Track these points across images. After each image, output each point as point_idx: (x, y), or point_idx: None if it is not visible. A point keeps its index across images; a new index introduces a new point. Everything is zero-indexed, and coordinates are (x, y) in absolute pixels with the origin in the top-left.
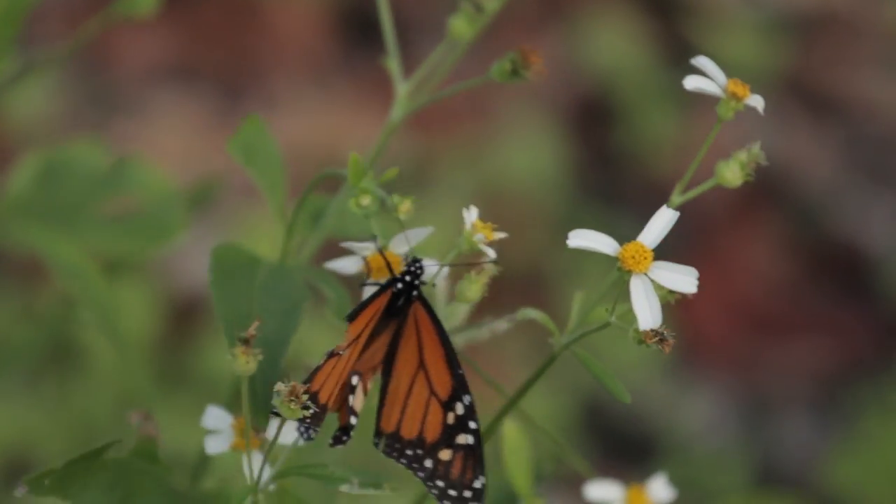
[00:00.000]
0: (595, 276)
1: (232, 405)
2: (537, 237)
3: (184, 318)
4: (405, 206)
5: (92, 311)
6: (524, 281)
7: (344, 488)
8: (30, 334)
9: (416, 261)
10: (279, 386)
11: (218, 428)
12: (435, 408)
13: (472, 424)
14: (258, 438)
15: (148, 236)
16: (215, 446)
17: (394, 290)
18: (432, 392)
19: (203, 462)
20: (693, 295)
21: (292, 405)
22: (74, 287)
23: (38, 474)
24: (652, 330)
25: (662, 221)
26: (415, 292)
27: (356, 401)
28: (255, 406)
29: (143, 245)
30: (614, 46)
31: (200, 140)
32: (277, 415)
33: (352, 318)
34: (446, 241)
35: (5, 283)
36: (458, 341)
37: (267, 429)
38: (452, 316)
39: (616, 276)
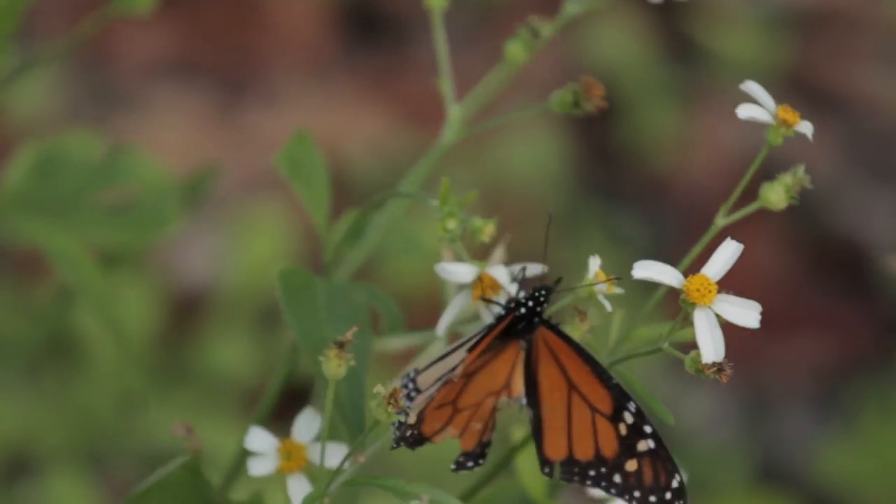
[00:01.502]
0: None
1: (267, 424)
2: (538, 233)
3: (184, 314)
4: (489, 229)
5: (89, 301)
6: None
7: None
8: (27, 328)
9: (542, 288)
10: (379, 387)
11: (262, 450)
12: (603, 424)
13: (647, 429)
14: (306, 457)
15: (143, 227)
16: (259, 469)
17: (516, 314)
18: (594, 409)
19: (235, 473)
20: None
21: (390, 409)
22: (72, 277)
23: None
24: (713, 363)
25: (727, 254)
26: (537, 319)
27: (489, 428)
28: (349, 426)
29: (138, 235)
30: (616, 42)
31: (201, 136)
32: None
33: (472, 346)
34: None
35: (2, 278)
36: (466, 332)
37: (347, 443)
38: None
39: (659, 297)
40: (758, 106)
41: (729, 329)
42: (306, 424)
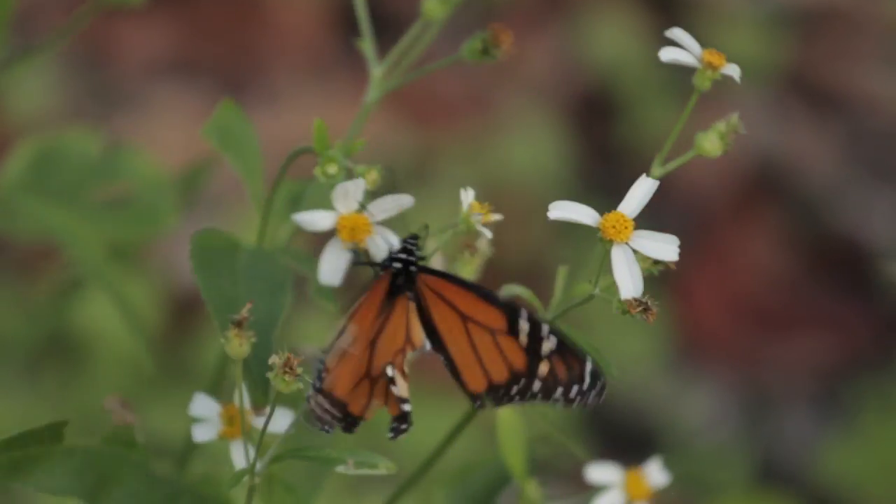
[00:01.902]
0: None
1: (218, 392)
2: (538, 231)
3: (183, 314)
4: (372, 176)
5: (99, 282)
6: (525, 274)
7: (340, 469)
8: (26, 327)
9: (411, 237)
10: (273, 359)
11: (205, 416)
12: (505, 341)
13: (544, 328)
14: (250, 422)
15: (140, 222)
16: (203, 434)
17: (392, 271)
18: (492, 331)
19: (189, 449)
20: (694, 290)
21: (287, 377)
22: (81, 259)
23: None
24: (636, 299)
25: (642, 190)
26: (414, 268)
27: (402, 388)
28: (251, 385)
29: (136, 231)
30: (615, 41)
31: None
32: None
33: (352, 314)
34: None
35: (1, 277)
36: None
37: (264, 409)
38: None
39: (601, 250)
40: (682, 50)
41: (730, 327)
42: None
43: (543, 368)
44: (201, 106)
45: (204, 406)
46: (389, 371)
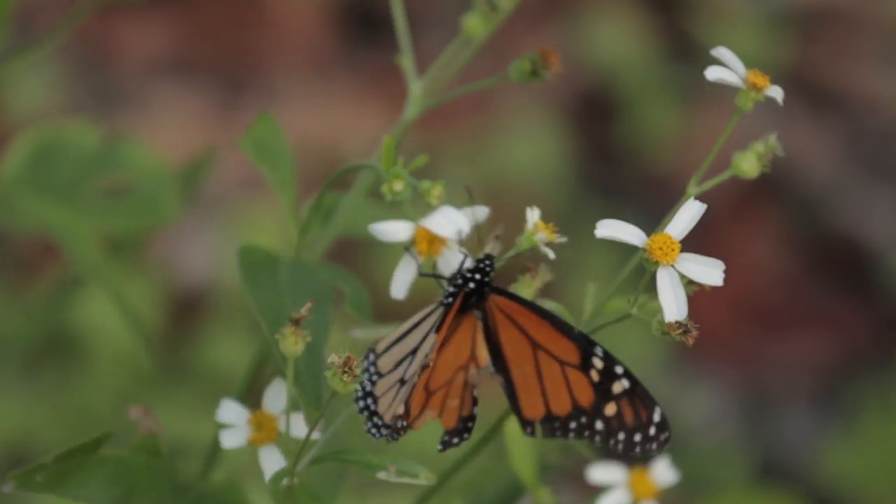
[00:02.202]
0: (598, 270)
1: (245, 399)
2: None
3: (185, 313)
4: (437, 191)
5: (97, 279)
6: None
7: (381, 475)
8: (25, 326)
9: (487, 258)
10: (333, 357)
11: (233, 422)
12: (574, 374)
13: (619, 369)
14: (277, 429)
15: (141, 214)
16: (231, 441)
17: (466, 290)
18: (562, 363)
19: (212, 456)
20: (694, 289)
21: (345, 377)
22: (79, 256)
23: (29, 469)
24: (677, 322)
25: (690, 213)
26: (487, 288)
27: (466, 405)
28: (304, 396)
29: (136, 223)
30: (616, 41)
31: (201, 134)
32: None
33: (437, 328)
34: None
35: (0, 274)
36: None
37: (318, 425)
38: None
39: (634, 267)
40: (727, 69)
41: (731, 326)
42: (276, 395)
43: (611, 409)
44: (201, 105)
45: (232, 412)
46: (472, 381)
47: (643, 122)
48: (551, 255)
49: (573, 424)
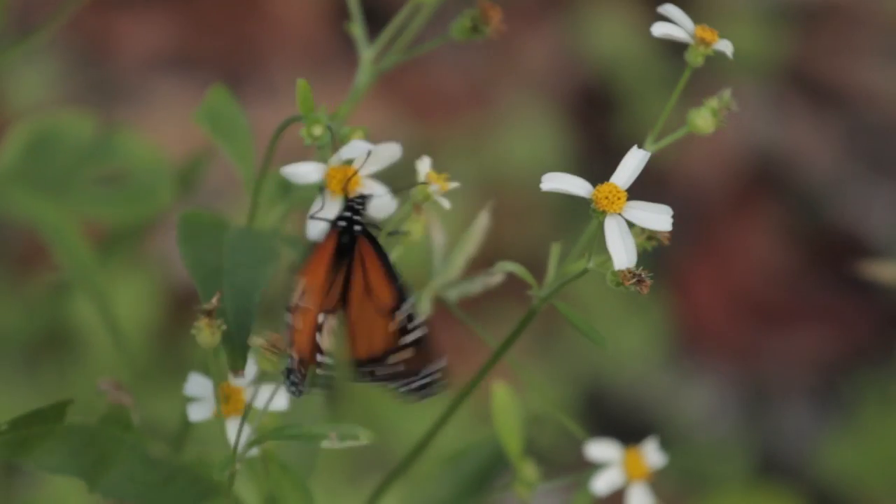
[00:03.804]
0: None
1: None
2: (537, 226)
3: (181, 307)
4: (358, 135)
5: (79, 279)
6: (523, 267)
7: (325, 444)
8: (24, 321)
9: (359, 197)
10: (257, 339)
11: (200, 395)
12: (385, 321)
13: (416, 320)
14: (239, 395)
15: (137, 204)
16: (197, 414)
17: (338, 229)
18: (380, 307)
19: (184, 431)
20: (693, 284)
21: (270, 357)
22: (64, 256)
23: None
24: (629, 271)
25: (634, 161)
26: (357, 227)
27: (323, 339)
28: (233, 352)
29: (133, 212)
30: (614, 35)
31: (200, 129)
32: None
33: (302, 269)
34: (450, 232)
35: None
36: (451, 295)
37: (241, 372)
38: (448, 271)
39: (594, 226)
40: (674, 25)
41: (730, 321)
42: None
43: (404, 355)
44: (200, 100)
45: (199, 385)
46: (320, 318)
47: (641, 117)
48: (447, 204)
49: (377, 366)
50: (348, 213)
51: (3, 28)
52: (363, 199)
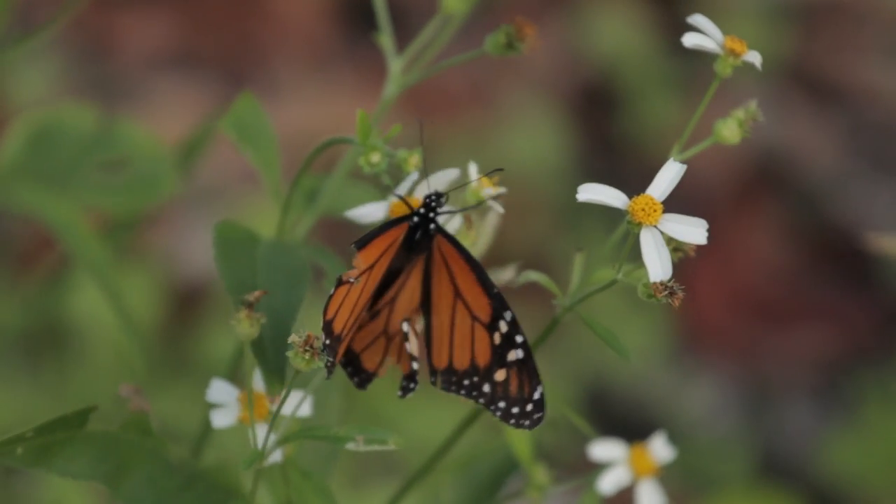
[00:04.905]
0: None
1: (233, 380)
2: (540, 223)
3: (186, 306)
4: (414, 160)
5: (88, 268)
6: (527, 266)
7: (350, 446)
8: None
9: (435, 195)
10: (293, 337)
11: (223, 402)
12: (480, 333)
13: (519, 338)
14: (268, 407)
15: (139, 193)
16: (221, 420)
17: (410, 223)
18: (474, 318)
19: (204, 437)
20: (695, 282)
21: (307, 356)
22: (70, 245)
23: (7, 440)
24: (662, 283)
25: (670, 174)
26: (433, 225)
27: (413, 346)
28: (268, 372)
29: (136, 202)
30: (617, 33)
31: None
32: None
33: (361, 244)
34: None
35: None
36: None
37: (278, 397)
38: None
39: (622, 233)
40: (705, 36)
41: (732, 319)
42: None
43: (500, 375)
44: (203, 98)
45: (221, 392)
46: (405, 326)
47: (644, 115)
48: (499, 208)
49: (466, 382)
50: (422, 210)
51: (6, 26)
52: (439, 196)
